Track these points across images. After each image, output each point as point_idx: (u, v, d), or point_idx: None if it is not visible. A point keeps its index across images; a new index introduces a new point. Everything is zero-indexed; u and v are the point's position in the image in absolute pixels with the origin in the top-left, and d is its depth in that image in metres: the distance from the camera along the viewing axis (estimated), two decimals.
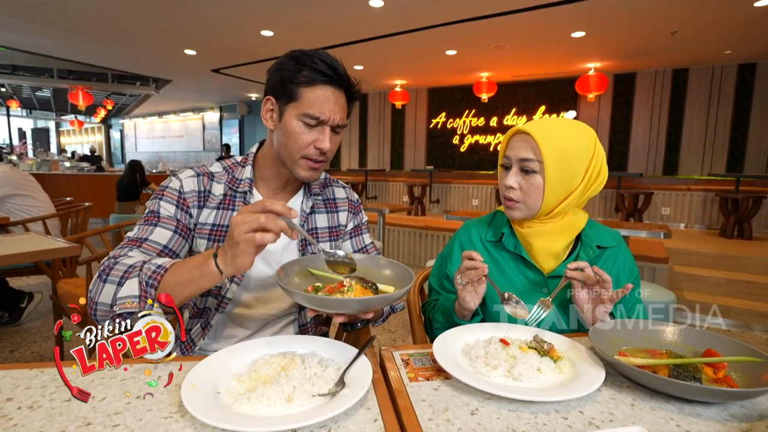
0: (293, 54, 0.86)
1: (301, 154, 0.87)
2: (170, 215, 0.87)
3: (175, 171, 0.93)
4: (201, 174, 0.93)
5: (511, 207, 0.93)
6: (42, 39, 5.58)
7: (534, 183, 0.89)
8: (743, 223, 4.44)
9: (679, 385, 0.58)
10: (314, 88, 0.84)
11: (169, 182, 0.91)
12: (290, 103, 0.85)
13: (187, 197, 0.89)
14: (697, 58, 5.73)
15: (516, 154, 0.91)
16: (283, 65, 0.86)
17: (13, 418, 0.54)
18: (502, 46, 5.39)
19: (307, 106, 0.84)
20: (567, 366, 0.69)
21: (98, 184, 7.08)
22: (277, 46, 5.55)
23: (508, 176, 0.93)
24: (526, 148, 0.89)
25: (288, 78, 0.84)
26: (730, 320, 3.18)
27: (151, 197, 0.90)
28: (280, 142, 0.88)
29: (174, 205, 0.88)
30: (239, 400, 0.57)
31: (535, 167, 0.89)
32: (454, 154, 8.07)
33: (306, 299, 0.70)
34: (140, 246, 0.83)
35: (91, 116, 13.92)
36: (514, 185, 0.91)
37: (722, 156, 6.03)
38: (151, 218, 0.87)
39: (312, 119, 0.84)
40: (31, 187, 2.89)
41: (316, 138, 0.86)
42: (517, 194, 0.91)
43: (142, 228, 0.86)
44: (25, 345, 2.46)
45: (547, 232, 0.93)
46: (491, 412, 0.58)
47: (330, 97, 0.85)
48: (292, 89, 0.84)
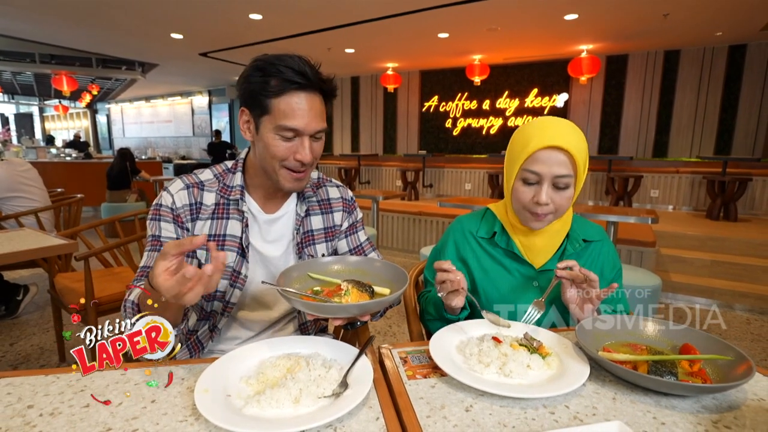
0: (257, 64, 0.83)
1: (281, 165, 0.86)
2: (171, 236, 0.88)
3: (165, 185, 0.93)
4: (191, 185, 0.92)
5: (541, 220, 0.92)
6: (21, 23, 5.39)
7: (567, 196, 0.90)
8: (729, 205, 4.55)
9: (657, 381, 0.63)
10: (285, 97, 0.81)
11: (161, 199, 0.91)
12: (263, 115, 0.83)
13: (180, 213, 0.90)
14: (689, 40, 5.74)
15: (551, 171, 0.87)
16: (250, 77, 0.82)
17: (37, 425, 0.57)
18: (494, 29, 5.33)
19: (280, 117, 0.81)
20: (555, 362, 0.73)
21: (87, 172, 6.99)
22: (266, 29, 5.44)
23: (541, 193, 0.88)
24: (562, 164, 0.87)
25: (257, 90, 0.82)
26: (713, 300, 3.30)
27: (149, 218, 0.90)
28: (260, 154, 0.87)
29: (172, 223, 0.89)
30: (249, 402, 0.61)
31: (570, 182, 0.89)
32: (447, 137, 8.05)
33: (305, 306, 0.73)
34: (148, 276, 0.84)
35: (76, 101, 13.57)
36: (549, 202, 0.89)
37: (711, 138, 6.10)
38: (155, 243, 0.88)
39: (287, 131, 0.82)
40: (28, 185, 2.82)
41: (296, 150, 0.84)
42: (550, 209, 0.90)
43: (149, 255, 0.87)
44: (25, 338, 2.48)
45: (547, 232, 0.98)
46: (484, 408, 0.62)
47: (303, 105, 0.82)
48: (263, 101, 0.82)
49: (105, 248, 1.90)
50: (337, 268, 0.91)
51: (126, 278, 2.10)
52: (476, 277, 1.02)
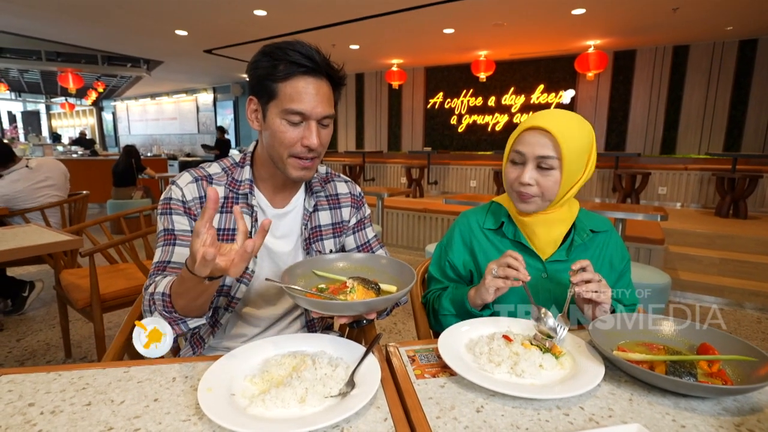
0: (265, 50, 0.83)
1: (289, 152, 0.84)
2: (185, 229, 0.86)
3: (173, 179, 0.92)
4: (200, 178, 0.90)
5: (526, 201, 0.94)
6: (26, 20, 5.41)
7: (551, 179, 0.91)
8: (739, 202, 4.48)
9: (676, 382, 0.61)
10: (292, 81, 0.81)
11: (170, 193, 0.88)
12: (271, 101, 0.83)
13: (191, 206, 0.88)
14: (698, 35, 5.65)
15: (533, 151, 0.90)
16: (258, 63, 0.83)
17: (38, 424, 0.55)
18: (501, 24, 5.28)
19: (287, 101, 0.81)
20: (568, 361, 0.71)
21: (93, 169, 7.02)
22: (270, 25, 5.42)
23: (524, 173, 0.92)
24: (545, 145, 0.89)
25: (264, 75, 0.82)
26: (723, 299, 3.25)
27: (158, 213, 0.88)
28: (268, 143, 0.86)
29: (184, 216, 0.87)
30: (254, 402, 0.59)
31: (554, 164, 0.90)
32: (452, 134, 8.01)
33: (310, 304, 0.72)
34: (164, 270, 0.83)
35: (82, 99, 13.65)
36: (531, 182, 0.91)
37: (720, 134, 6.02)
38: (169, 237, 0.86)
39: (294, 114, 0.82)
40: (49, 193, 2.84)
41: (302, 135, 0.83)
42: (534, 190, 0.92)
43: (163, 250, 0.85)
44: (31, 334, 2.49)
45: (548, 220, 0.97)
46: (496, 409, 0.60)
47: (310, 89, 0.81)
48: (270, 86, 0.82)
49: (110, 244, 1.89)
50: (342, 265, 0.90)
51: (131, 275, 2.10)
52: (484, 269, 1.00)
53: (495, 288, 0.86)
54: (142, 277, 2.04)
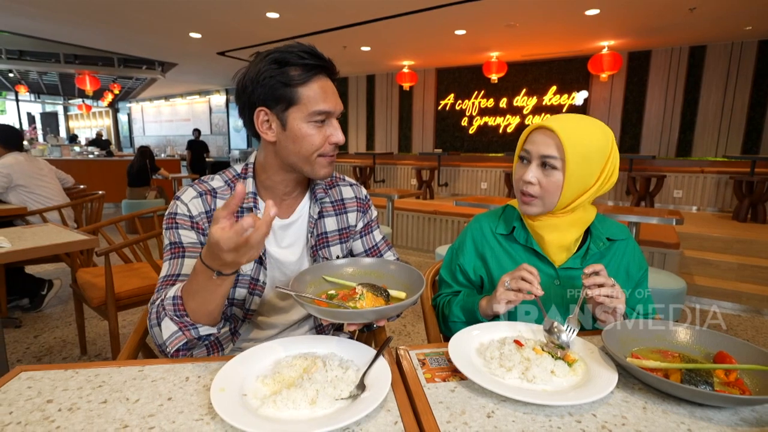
0: (271, 57, 0.81)
1: (318, 153, 0.85)
2: (193, 242, 0.86)
3: (176, 194, 0.90)
4: (204, 193, 0.89)
5: (528, 203, 0.94)
6: (45, 23, 5.55)
7: (553, 180, 0.90)
8: (757, 206, 4.38)
9: (692, 391, 0.60)
10: (311, 83, 0.81)
11: (175, 208, 0.87)
12: (290, 107, 0.81)
13: (198, 221, 0.87)
14: (716, 35, 5.54)
15: (537, 150, 0.91)
16: (265, 73, 0.80)
17: (55, 420, 0.57)
18: (513, 25, 5.25)
19: (312, 103, 0.81)
20: (581, 368, 0.70)
21: (109, 170, 7.16)
22: (282, 28, 5.47)
23: (527, 171, 0.92)
24: (548, 145, 0.89)
25: (277, 84, 0.80)
26: (740, 305, 3.17)
27: (164, 228, 0.87)
28: (290, 149, 0.85)
29: (191, 230, 0.86)
30: (265, 403, 0.60)
31: (556, 164, 0.89)
32: (462, 136, 7.97)
33: (320, 312, 0.72)
34: (174, 283, 0.82)
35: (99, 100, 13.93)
36: (533, 180, 0.91)
37: (738, 137, 5.89)
38: (177, 250, 0.85)
39: (320, 115, 0.82)
40: (44, 178, 2.94)
41: (330, 134, 0.85)
42: (536, 189, 0.92)
43: (171, 263, 0.84)
44: (48, 330, 2.55)
45: (558, 225, 0.95)
46: (507, 415, 0.60)
47: (327, 87, 0.84)
48: (289, 93, 0.80)
49: (125, 244, 1.92)
50: (350, 270, 0.89)
51: (145, 274, 2.13)
52: (495, 275, 0.99)
53: (506, 300, 0.85)
54: (155, 277, 2.07)
